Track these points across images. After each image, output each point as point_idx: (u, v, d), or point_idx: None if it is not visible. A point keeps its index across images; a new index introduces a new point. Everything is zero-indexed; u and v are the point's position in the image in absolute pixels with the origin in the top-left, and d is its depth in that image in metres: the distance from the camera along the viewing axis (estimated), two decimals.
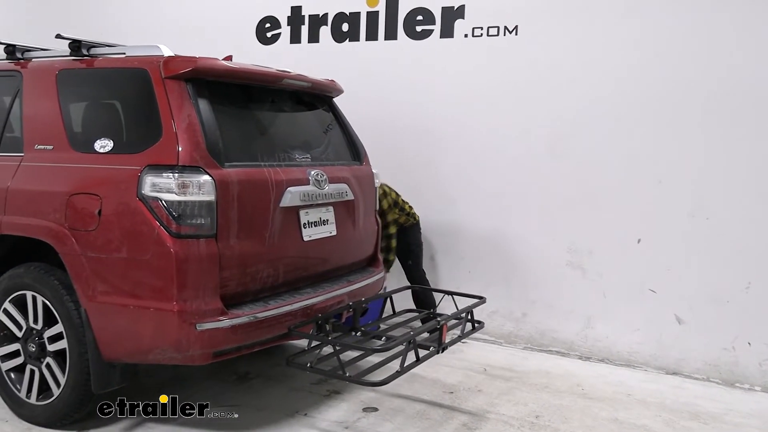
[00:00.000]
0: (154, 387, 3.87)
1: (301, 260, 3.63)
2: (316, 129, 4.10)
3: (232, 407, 3.74)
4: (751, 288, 4.46)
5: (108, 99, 3.51)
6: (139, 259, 3.05)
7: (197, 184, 3.05)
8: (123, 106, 3.41)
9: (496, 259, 5.31)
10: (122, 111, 3.40)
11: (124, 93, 3.40)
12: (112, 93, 3.46)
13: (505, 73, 5.15)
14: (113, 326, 3.14)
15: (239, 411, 3.70)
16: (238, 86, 3.53)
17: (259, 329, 3.25)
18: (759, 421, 3.84)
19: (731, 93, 4.42)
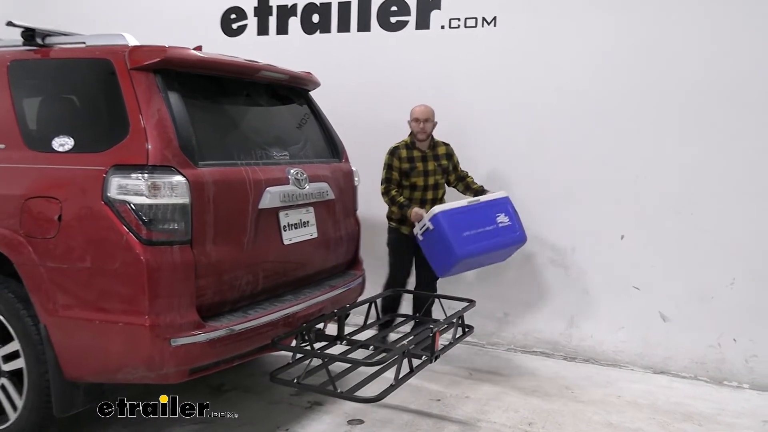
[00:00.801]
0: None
1: (281, 265, 3.39)
2: (293, 124, 3.85)
3: (208, 423, 3.48)
4: (736, 284, 4.40)
5: (67, 92, 3.19)
6: (105, 268, 2.77)
7: (169, 185, 2.78)
8: (84, 100, 3.10)
9: None
10: (83, 105, 3.09)
11: (84, 86, 3.09)
12: (72, 86, 3.14)
13: (483, 66, 4.98)
14: (77, 343, 2.85)
15: (214, 427, 3.45)
16: (211, 79, 3.26)
17: (239, 342, 3.00)
18: (751, 420, 3.77)
19: (714, 88, 4.34)
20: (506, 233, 4.19)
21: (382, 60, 5.29)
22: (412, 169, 4.41)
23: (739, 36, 4.25)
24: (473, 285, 5.02)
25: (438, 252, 4.06)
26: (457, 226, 4.00)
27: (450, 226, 3.98)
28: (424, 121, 4.37)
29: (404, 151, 4.43)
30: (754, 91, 4.24)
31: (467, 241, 3.99)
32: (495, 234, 4.14)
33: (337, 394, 2.84)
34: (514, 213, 4.27)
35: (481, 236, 4.06)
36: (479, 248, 4.05)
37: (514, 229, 4.22)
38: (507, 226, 4.18)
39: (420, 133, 4.38)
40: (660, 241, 4.58)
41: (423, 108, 4.42)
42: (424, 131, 4.38)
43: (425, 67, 5.15)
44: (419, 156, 4.43)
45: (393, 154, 4.42)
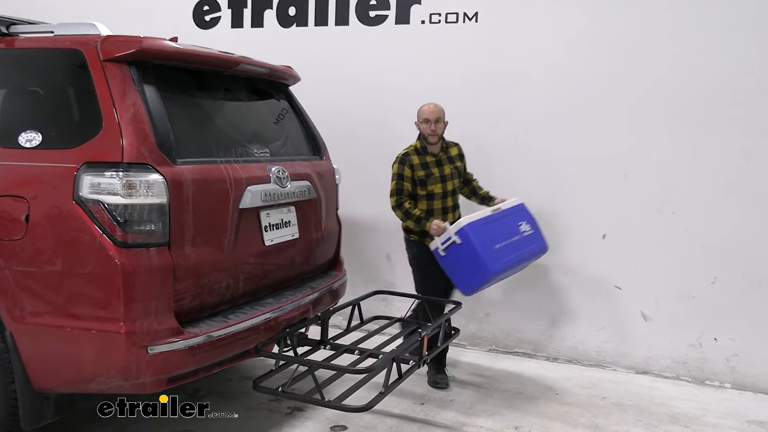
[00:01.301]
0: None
1: (262, 267, 3.25)
2: (272, 121, 3.70)
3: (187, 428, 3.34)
4: (717, 283, 4.39)
5: (34, 85, 2.99)
6: (77, 272, 2.60)
7: (146, 184, 2.63)
8: (52, 93, 2.91)
9: None
10: (51, 99, 2.90)
11: (53, 78, 2.90)
12: (39, 78, 2.95)
13: (464, 63, 4.88)
14: (46, 351, 2.68)
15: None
16: (188, 72, 3.10)
17: (220, 348, 2.86)
18: (735, 421, 3.76)
19: (696, 88, 4.31)
20: (530, 243, 3.95)
21: (360, 55, 5.16)
22: (429, 176, 3.95)
23: (728, 39, 4.23)
24: None
25: (465, 268, 3.68)
26: (487, 239, 3.66)
27: (480, 241, 3.63)
28: (435, 121, 3.93)
29: (416, 157, 3.96)
30: (734, 92, 4.22)
31: (498, 254, 3.68)
32: (521, 245, 3.87)
33: (325, 403, 2.72)
34: (533, 220, 4.05)
35: (509, 248, 3.77)
36: (509, 262, 3.76)
37: (537, 238, 4.00)
38: (530, 235, 3.95)
39: (431, 136, 3.94)
40: (642, 241, 4.55)
41: (432, 107, 3.98)
42: (436, 133, 3.95)
43: (405, 63, 5.04)
44: (433, 161, 3.99)
45: (404, 162, 3.95)
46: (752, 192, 4.24)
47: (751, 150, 4.22)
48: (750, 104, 4.20)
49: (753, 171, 4.23)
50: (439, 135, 3.99)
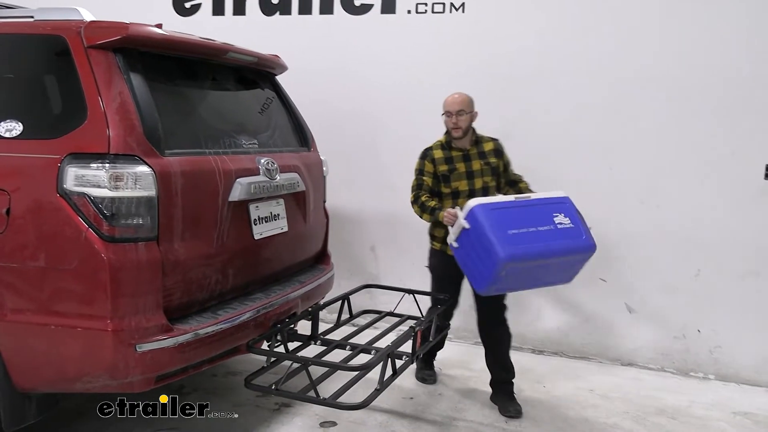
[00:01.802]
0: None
1: (251, 262, 3.18)
2: (259, 111, 3.61)
3: (171, 430, 3.26)
4: (701, 275, 4.43)
5: (12, 72, 2.84)
6: (61, 268, 2.50)
7: (133, 176, 2.53)
8: (32, 81, 2.78)
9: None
10: (32, 87, 2.77)
11: (33, 65, 2.78)
12: (18, 65, 2.81)
13: (450, 53, 4.84)
14: (29, 350, 2.58)
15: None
16: (175, 60, 3.00)
17: (210, 345, 2.78)
18: (721, 412, 3.80)
19: (682, 81, 4.32)
20: (568, 237, 3.27)
21: (345, 45, 5.08)
22: (452, 172, 3.62)
23: (707, 28, 4.24)
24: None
25: (476, 258, 3.21)
26: (500, 223, 3.16)
27: (491, 222, 3.14)
28: (457, 114, 3.57)
29: (439, 152, 3.67)
30: (719, 86, 4.24)
31: (514, 240, 3.12)
32: (553, 236, 3.23)
33: (320, 401, 2.66)
34: (578, 216, 3.41)
35: (533, 236, 3.18)
36: (531, 251, 3.15)
37: (579, 233, 3.30)
38: (569, 228, 3.28)
39: (454, 130, 3.60)
40: (626, 233, 4.55)
41: (454, 97, 3.62)
42: (458, 127, 3.59)
43: (391, 54, 4.97)
44: (459, 155, 3.65)
45: (424, 156, 3.70)
46: (736, 186, 4.27)
47: (736, 143, 4.25)
48: (735, 98, 4.22)
49: (737, 164, 4.26)
50: (464, 128, 3.61)
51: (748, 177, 4.27)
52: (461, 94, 3.67)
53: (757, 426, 3.63)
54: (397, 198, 5.02)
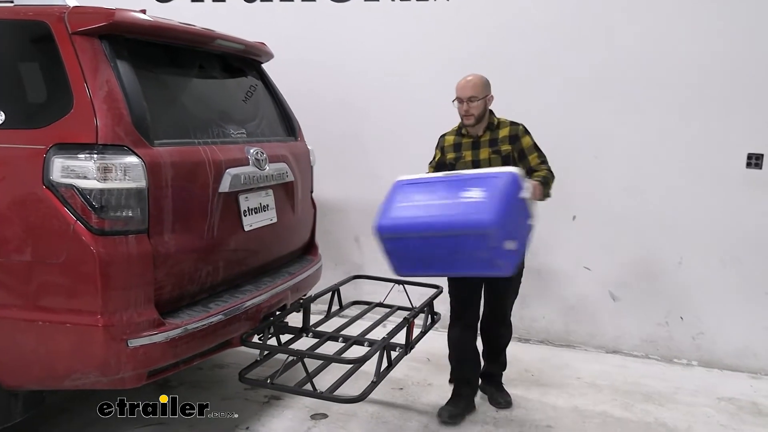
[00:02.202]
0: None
1: (241, 253, 3.13)
2: (246, 99, 3.54)
3: (159, 425, 3.20)
4: (683, 263, 4.48)
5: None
6: (49, 262, 2.42)
7: (122, 167, 2.46)
8: (14, 68, 2.67)
9: None
10: (13, 75, 2.67)
11: (14, 52, 2.67)
12: (1, 52, 2.70)
13: (435, 42, 4.80)
14: (15, 347, 2.51)
15: (167, 429, 3.18)
16: (161, 47, 2.92)
17: (202, 339, 2.73)
18: (706, 398, 3.85)
19: (665, 71, 4.35)
20: (464, 211, 2.76)
21: (327, 32, 5.00)
22: (458, 160, 3.36)
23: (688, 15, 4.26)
24: None
25: None
26: (403, 197, 2.96)
27: (393, 196, 2.99)
28: (467, 100, 3.24)
29: (451, 138, 3.42)
30: (702, 74, 4.26)
31: (397, 211, 2.90)
32: (446, 209, 2.81)
33: (317, 395, 2.62)
34: (506, 194, 2.83)
35: (422, 209, 2.85)
36: (410, 222, 2.84)
37: (483, 208, 2.73)
38: (474, 203, 2.76)
39: (465, 118, 3.29)
40: (610, 222, 4.58)
41: (467, 80, 3.28)
42: (470, 113, 3.26)
43: (374, 42, 4.92)
44: (469, 142, 3.36)
45: (438, 144, 3.49)
46: (718, 174, 4.31)
47: (718, 133, 4.29)
48: (717, 86, 4.25)
49: (719, 154, 4.30)
50: (476, 116, 3.27)
51: (730, 166, 4.31)
52: (475, 75, 3.32)
53: (741, 411, 3.69)
54: (382, 187, 4.96)
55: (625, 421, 3.49)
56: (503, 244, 2.79)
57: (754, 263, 4.32)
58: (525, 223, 3.07)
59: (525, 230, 3.09)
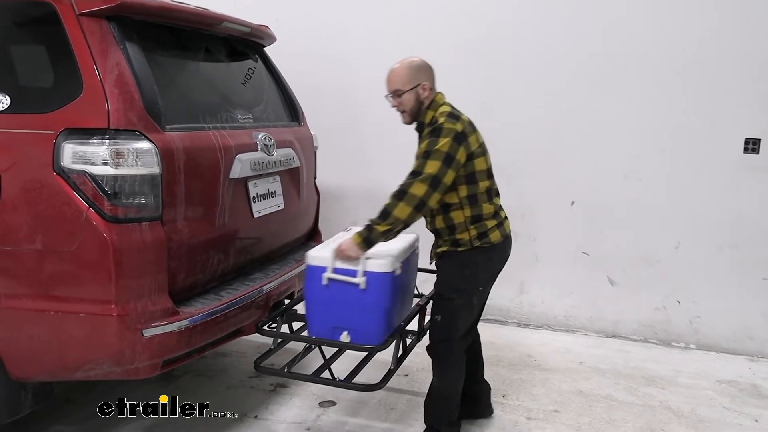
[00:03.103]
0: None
1: (251, 240, 3.09)
2: (252, 84, 3.47)
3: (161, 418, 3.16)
4: (680, 247, 4.52)
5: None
6: (60, 251, 2.36)
7: (135, 152, 2.40)
8: (19, 51, 2.60)
9: (421, 225, 4.98)
10: (19, 58, 2.59)
11: (20, 34, 2.59)
12: (3, 34, 2.61)
13: (430, 25, 4.75)
14: (25, 338, 2.44)
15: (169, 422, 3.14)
16: (168, 29, 2.84)
17: (215, 328, 2.70)
18: (707, 381, 3.90)
19: (662, 58, 4.35)
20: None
21: (326, 18, 4.94)
22: None
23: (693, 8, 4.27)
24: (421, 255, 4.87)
25: None
26: None
27: None
28: (393, 94, 2.79)
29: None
30: (699, 60, 4.28)
31: None
32: None
33: (336, 383, 2.60)
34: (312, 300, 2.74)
35: None
36: None
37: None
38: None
39: (400, 115, 2.83)
40: (609, 207, 4.60)
41: (388, 73, 2.81)
42: (401, 111, 2.81)
43: (373, 28, 4.86)
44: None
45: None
46: (715, 159, 4.34)
47: (715, 118, 4.31)
48: (714, 72, 4.27)
49: (717, 139, 4.33)
50: (409, 111, 2.78)
51: (727, 151, 4.34)
52: (400, 62, 2.81)
53: (741, 393, 3.74)
54: (378, 174, 4.97)
55: (630, 405, 3.52)
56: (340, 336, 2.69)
57: (750, 248, 4.36)
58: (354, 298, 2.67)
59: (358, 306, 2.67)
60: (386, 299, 2.64)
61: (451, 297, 2.80)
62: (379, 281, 2.62)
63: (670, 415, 3.41)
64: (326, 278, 2.64)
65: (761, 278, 4.36)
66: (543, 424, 3.28)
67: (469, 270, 2.81)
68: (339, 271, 2.64)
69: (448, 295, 2.81)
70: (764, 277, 4.35)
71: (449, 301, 2.80)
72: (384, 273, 2.63)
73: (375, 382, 2.73)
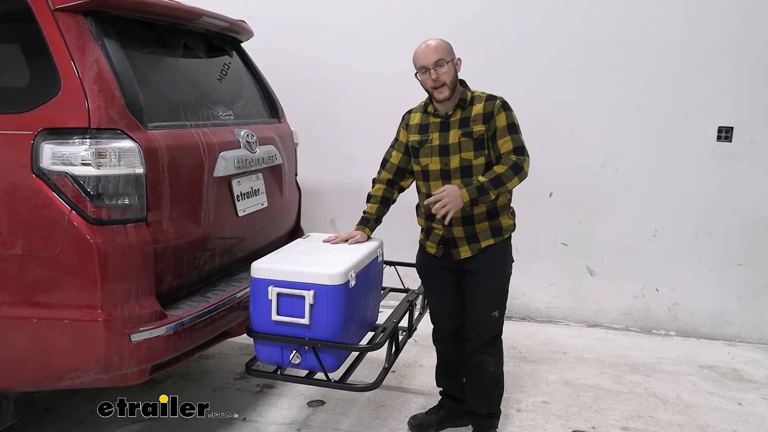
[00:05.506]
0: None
1: (236, 240, 3.02)
2: (231, 80, 3.40)
3: (149, 422, 3.08)
4: (657, 236, 4.58)
5: None
6: (42, 255, 2.27)
7: (118, 152, 2.32)
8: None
9: (401, 219, 4.95)
10: None
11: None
12: None
13: (408, 17, 4.72)
14: (7, 346, 2.34)
15: (159, 423, 3.06)
16: (146, 25, 2.76)
17: (204, 330, 2.63)
18: (689, 367, 3.96)
19: (636, 45, 4.40)
20: None
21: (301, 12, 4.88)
22: (423, 144, 2.75)
23: None
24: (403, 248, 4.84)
25: None
26: None
27: None
28: (435, 65, 2.61)
29: (418, 115, 2.82)
30: (675, 50, 4.34)
31: None
32: None
33: (331, 384, 2.55)
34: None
35: None
36: None
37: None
38: None
39: (438, 91, 2.64)
40: (587, 197, 4.65)
41: (424, 46, 2.66)
42: (442, 83, 2.63)
43: (349, 22, 4.81)
44: (437, 123, 2.74)
45: (403, 119, 2.90)
46: (691, 148, 4.41)
47: (690, 107, 4.38)
48: (687, 61, 4.33)
49: (692, 126, 4.39)
50: (449, 84, 2.64)
51: (701, 139, 4.42)
52: (436, 40, 2.71)
53: (723, 378, 3.80)
54: (357, 168, 4.92)
55: (617, 393, 3.55)
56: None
57: (725, 235, 4.45)
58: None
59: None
60: (338, 315, 2.44)
61: (507, 289, 2.95)
62: (331, 295, 2.42)
63: (656, 402, 3.45)
64: (273, 292, 2.47)
65: (736, 264, 4.45)
66: (533, 415, 3.29)
67: (512, 258, 2.99)
68: (286, 285, 2.45)
69: (505, 287, 2.96)
70: (739, 263, 4.43)
71: (506, 294, 2.97)
72: (336, 286, 2.42)
73: (367, 380, 2.70)
